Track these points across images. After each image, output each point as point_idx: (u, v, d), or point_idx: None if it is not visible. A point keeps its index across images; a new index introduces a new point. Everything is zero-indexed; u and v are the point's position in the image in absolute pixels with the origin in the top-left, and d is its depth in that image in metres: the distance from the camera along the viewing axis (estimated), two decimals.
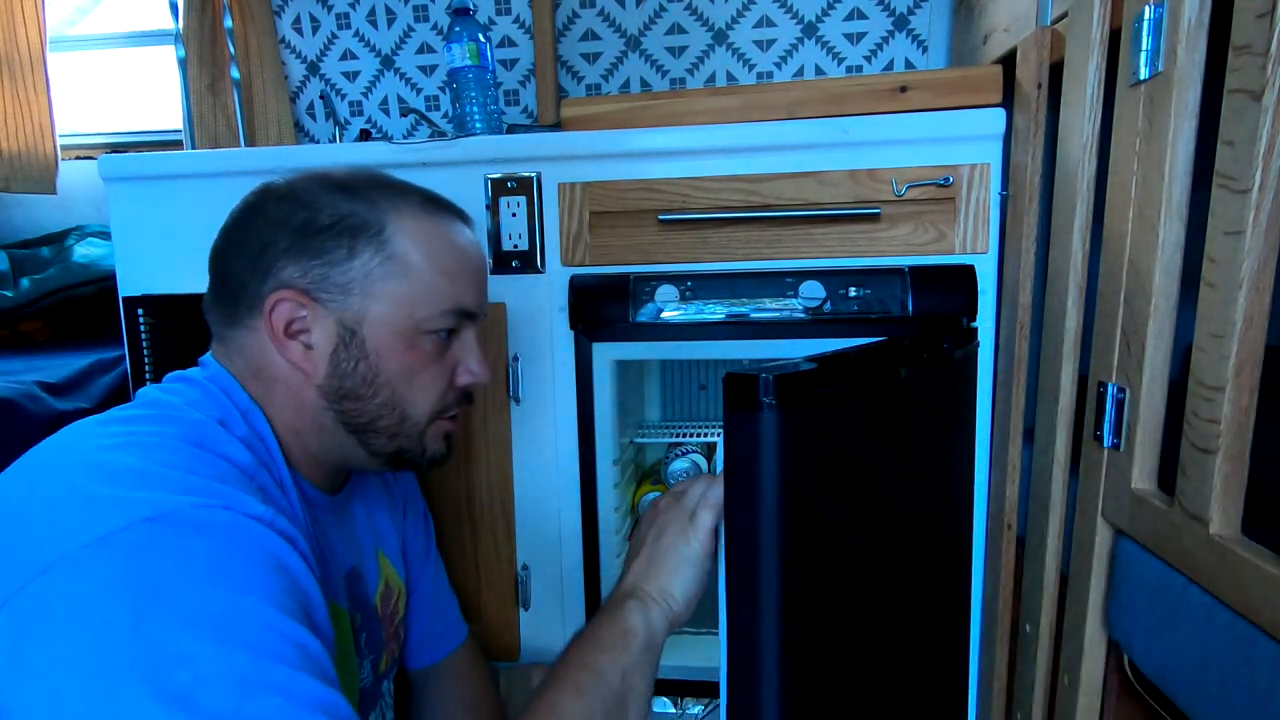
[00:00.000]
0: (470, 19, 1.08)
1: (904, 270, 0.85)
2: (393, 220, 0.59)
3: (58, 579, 0.41)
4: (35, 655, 0.39)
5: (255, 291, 0.57)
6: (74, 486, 0.45)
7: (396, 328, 0.59)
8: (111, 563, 0.41)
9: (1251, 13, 0.51)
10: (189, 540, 0.43)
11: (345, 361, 0.58)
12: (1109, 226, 0.70)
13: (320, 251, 0.57)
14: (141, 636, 0.39)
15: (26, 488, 0.47)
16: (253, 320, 0.58)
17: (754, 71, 1.44)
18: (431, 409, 0.62)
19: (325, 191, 0.59)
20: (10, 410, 1.00)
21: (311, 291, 0.57)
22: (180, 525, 0.43)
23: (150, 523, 0.43)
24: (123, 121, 1.77)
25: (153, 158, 1.00)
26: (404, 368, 0.60)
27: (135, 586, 0.40)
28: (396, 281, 0.58)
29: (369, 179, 0.62)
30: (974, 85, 0.91)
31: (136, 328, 0.98)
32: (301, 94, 1.57)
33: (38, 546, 0.42)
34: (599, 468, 0.94)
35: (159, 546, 0.42)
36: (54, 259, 1.47)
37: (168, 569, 0.41)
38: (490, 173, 0.93)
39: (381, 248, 0.58)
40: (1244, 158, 0.51)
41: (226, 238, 0.60)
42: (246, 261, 0.57)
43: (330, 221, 0.57)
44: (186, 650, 0.39)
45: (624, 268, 0.91)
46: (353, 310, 0.58)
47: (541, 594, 0.98)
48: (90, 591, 0.40)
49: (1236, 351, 0.53)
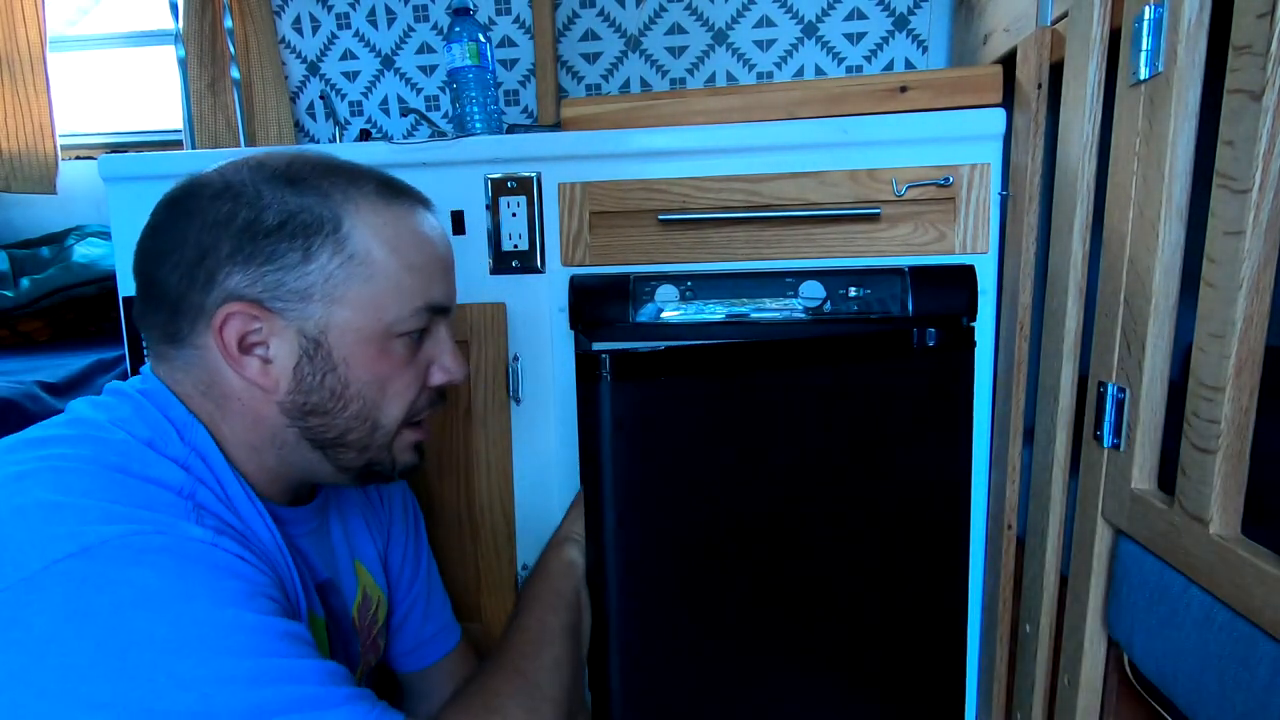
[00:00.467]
0: (470, 19, 1.09)
1: (904, 270, 0.85)
2: (349, 214, 0.53)
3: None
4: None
5: (197, 304, 0.51)
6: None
7: (365, 333, 0.53)
8: (45, 604, 0.38)
9: (1251, 13, 0.51)
10: (127, 570, 0.40)
11: (310, 375, 0.53)
12: (1109, 226, 0.70)
13: (271, 256, 0.50)
14: (110, 677, 0.37)
15: None
16: (197, 336, 0.52)
17: (754, 71, 1.44)
18: (403, 416, 0.58)
19: (268, 185, 0.51)
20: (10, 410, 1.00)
21: (265, 301, 0.51)
22: (113, 555, 0.40)
23: (74, 558, 0.39)
24: (123, 121, 1.77)
25: (153, 158, 1.00)
26: (376, 376, 0.55)
27: (81, 624, 0.37)
28: (361, 283, 0.52)
29: (314, 165, 0.54)
30: (974, 85, 0.91)
31: (136, 328, 0.98)
32: (301, 94, 1.57)
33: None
34: None
35: (95, 580, 0.39)
36: (54, 259, 1.47)
37: (113, 601, 0.39)
38: (490, 173, 0.93)
39: (340, 247, 0.52)
40: (1244, 158, 0.51)
41: (154, 241, 0.53)
42: (182, 270, 0.50)
43: (279, 220, 0.50)
44: (176, 676, 0.37)
45: (624, 268, 0.91)
46: (314, 319, 0.52)
47: None
48: (27, 638, 0.37)
49: (1236, 351, 0.53)
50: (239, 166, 0.53)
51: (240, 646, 0.40)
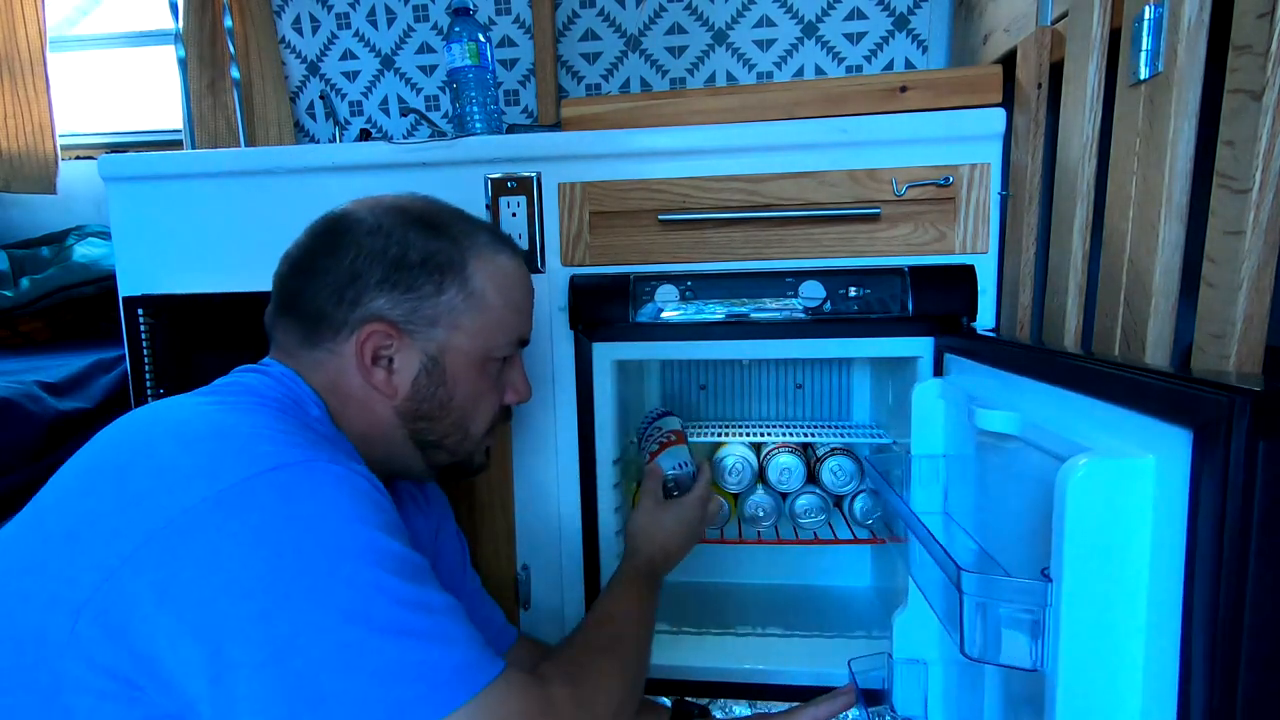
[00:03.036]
0: (470, 19, 1.08)
1: (904, 270, 0.85)
2: (472, 258, 0.64)
3: (199, 521, 0.45)
4: (191, 593, 0.43)
5: (341, 319, 0.60)
6: (191, 441, 0.50)
7: (471, 357, 0.64)
8: (256, 502, 0.46)
9: (1251, 13, 0.51)
10: (316, 486, 0.48)
11: (426, 387, 0.63)
12: (1109, 226, 0.71)
13: (411, 286, 0.61)
14: (302, 564, 0.45)
15: (134, 448, 0.51)
16: (336, 345, 0.61)
17: (754, 71, 1.44)
18: (487, 427, 0.69)
19: (412, 228, 0.62)
20: (10, 410, 1.00)
21: (400, 323, 0.61)
22: (302, 473, 0.48)
23: (278, 471, 0.47)
24: (123, 121, 1.77)
25: (153, 158, 1.00)
26: (473, 392, 0.66)
27: (282, 521, 0.46)
28: (475, 315, 0.63)
29: (446, 214, 0.66)
30: (974, 85, 0.91)
31: (136, 328, 0.98)
32: (301, 94, 1.57)
33: (164, 495, 0.46)
34: (599, 468, 0.94)
35: (292, 487, 0.47)
36: (54, 259, 1.47)
37: (306, 506, 0.47)
38: (490, 173, 0.93)
39: (465, 284, 0.63)
40: (1244, 158, 0.52)
41: (307, 263, 0.62)
42: (331, 290, 0.60)
43: (421, 258, 0.61)
44: (347, 574, 0.45)
45: (624, 268, 0.91)
46: (437, 341, 0.62)
47: (541, 594, 0.98)
48: (238, 530, 0.45)
49: (1236, 351, 0.53)
50: (385, 209, 0.63)
51: (396, 569, 0.48)
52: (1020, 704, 0.62)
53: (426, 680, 0.45)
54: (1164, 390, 0.42)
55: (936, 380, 0.80)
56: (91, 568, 0.45)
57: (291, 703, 0.43)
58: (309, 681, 0.43)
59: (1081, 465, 0.43)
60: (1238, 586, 0.37)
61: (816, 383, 1.22)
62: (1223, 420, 0.37)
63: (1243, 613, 0.37)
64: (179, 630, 0.43)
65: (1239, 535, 0.37)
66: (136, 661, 0.44)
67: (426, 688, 0.45)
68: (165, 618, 0.43)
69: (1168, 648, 0.42)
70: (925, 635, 0.82)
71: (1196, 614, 0.40)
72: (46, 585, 0.46)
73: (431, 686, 0.45)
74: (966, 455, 0.72)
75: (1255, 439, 0.36)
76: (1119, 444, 0.45)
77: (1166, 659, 0.42)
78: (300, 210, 0.97)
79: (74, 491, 0.51)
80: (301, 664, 0.43)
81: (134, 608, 0.44)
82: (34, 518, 0.51)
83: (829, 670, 0.95)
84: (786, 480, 1.06)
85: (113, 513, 0.47)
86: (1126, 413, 0.45)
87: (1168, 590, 0.42)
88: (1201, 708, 0.39)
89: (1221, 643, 0.38)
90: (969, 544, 0.71)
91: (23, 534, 0.51)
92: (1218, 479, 0.37)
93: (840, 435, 1.11)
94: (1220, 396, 0.37)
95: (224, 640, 0.43)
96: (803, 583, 1.23)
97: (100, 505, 0.48)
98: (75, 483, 0.52)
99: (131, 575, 0.44)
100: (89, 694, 0.44)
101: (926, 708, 0.82)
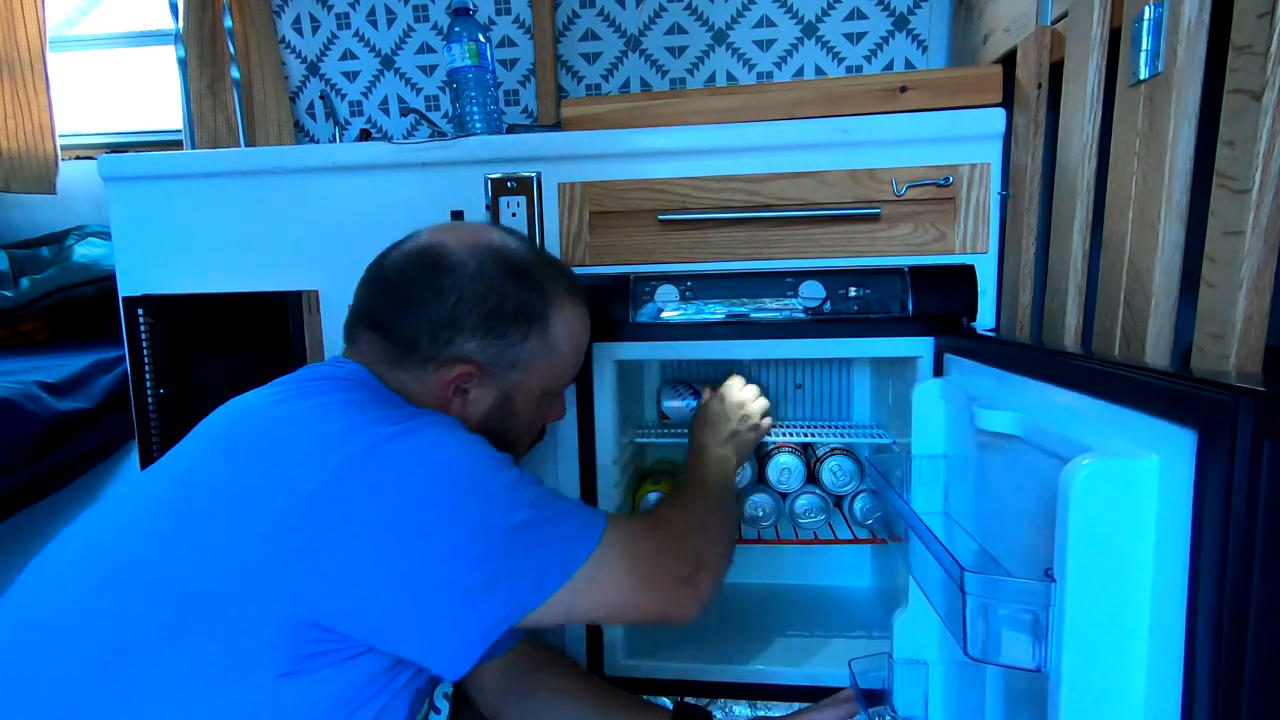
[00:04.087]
0: (470, 19, 1.08)
1: (904, 270, 0.85)
2: (554, 310, 0.70)
3: (356, 473, 0.52)
4: (385, 504, 0.52)
5: (433, 353, 0.66)
6: (326, 414, 0.58)
7: (535, 394, 0.71)
8: (404, 446, 0.54)
9: (1251, 13, 0.51)
10: (444, 435, 0.57)
11: (495, 418, 0.70)
12: (1109, 226, 0.71)
13: (501, 334, 0.67)
14: (473, 476, 0.56)
15: (264, 424, 0.58)
16: (423, 373, 0.66)
17: (754, 71, 1.44)
18: (530, 446, 0.78)
19: (510, 278, 0.67)
20: (10, 410, 1.00)
21: (485, 365, 0.67)
22: (437, 420, 0.58)
23: (405, 429, 0.55)
24: (123, 121, 1.76)
25: (153, 158, 1.00)
26: (529, 422, 0.74)
27: (431, 458, 0.55)
28: (548, 360, 0.70)
29: (535, 260, 0.71)
30: (974, 85, 0.91)
31: (136, 328, 0.98)
32: (301, 94, 1.57)
33: (320, 455, 0.53)
34: (599, 468, 0.94)
35: (437, 429, 0.57)
36: (54, 259, 1.47)
37: (443, 444, 0.56)
38: (490, 173, 0.93)
39: (544, 334, 0.69)
40: (1244, 158, 0.52)
41: (404, 291, 0.66)
42: (428, 325, 0.65)
43: (514, 309, 0.67)
44: (506, 479, 0.57)
45: (624, 268, 0.91)
46: (512, 381, 0.69)
47: None
48: (409, 459, 0.54)
49: (1236, 351, 0.53)
50: (485, 254, 0.67)
51: (522, 475, 0.60)
52: (1021, 705, 0.62)
53: (578, 515, 0.61)
54: (1168, 390, 0.41)
55: (937, 380, 0.80)
56: (268, 522, 0.51)
57: (496, 565, 0.54)
58: (501, 551, 0.54)
59: (1085, 466, 0.43)
60: (1242, 587, 0.37)
61: (816, 383, 1.22)
62: (1227, 420, 0.37)
63: (1247, 613, 0.37)
64: (357, 560, 0.51)
65: (1243, 535, 0.37)
66: (310, 608, 0.51)
67: (581, 519, 0.60)
68: (346, 548, 0.51)
69: (1171, 648, 0.42)
70: (926, 635, 0.82)
71: (1201, 615, 0.40)
72: (219, 546, 0.51)
73: (584, 518, 0.61)
74: (967, 455, 0.72)
75: (1260, 439, 0.36)
76: (1122, 444, 0.45)
77: (1170, 660, 0.42)
78: (300, 210, 0.98)
79: (223, 468, 0.56)
80: (489, 542, 0.54)
81: (314, 550, 0.51)
82: (177, 494, 0.56)
83: (829, 671, 0.95)
84: (786, 480, 1.06)
85: (274, 477, 0.53)
86: (1129, 413, 0.45)
87: (1171, 591, 0.42)
88: (1206, 709, 0.39)
89: (1226, 644, 0.38)
90: (969, 544, 0.71)
91: (169, 508, 0.55)
92: (1222, 479, 0.37)
93: (840, 435, 1.11)
94: (1225, 397, 0.37)
95: (421, 532, 0.52)
96: (803, 583, 1.23)
97: (259, 475, 0.54)
98: (218, 461, 0.57)
99: (311, 521, 0.51)
100: (258, 642, 0.50)
101: (927, 708, 0.82)
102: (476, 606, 0.53)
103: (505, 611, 0.55)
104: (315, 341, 0.98)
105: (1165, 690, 0.43)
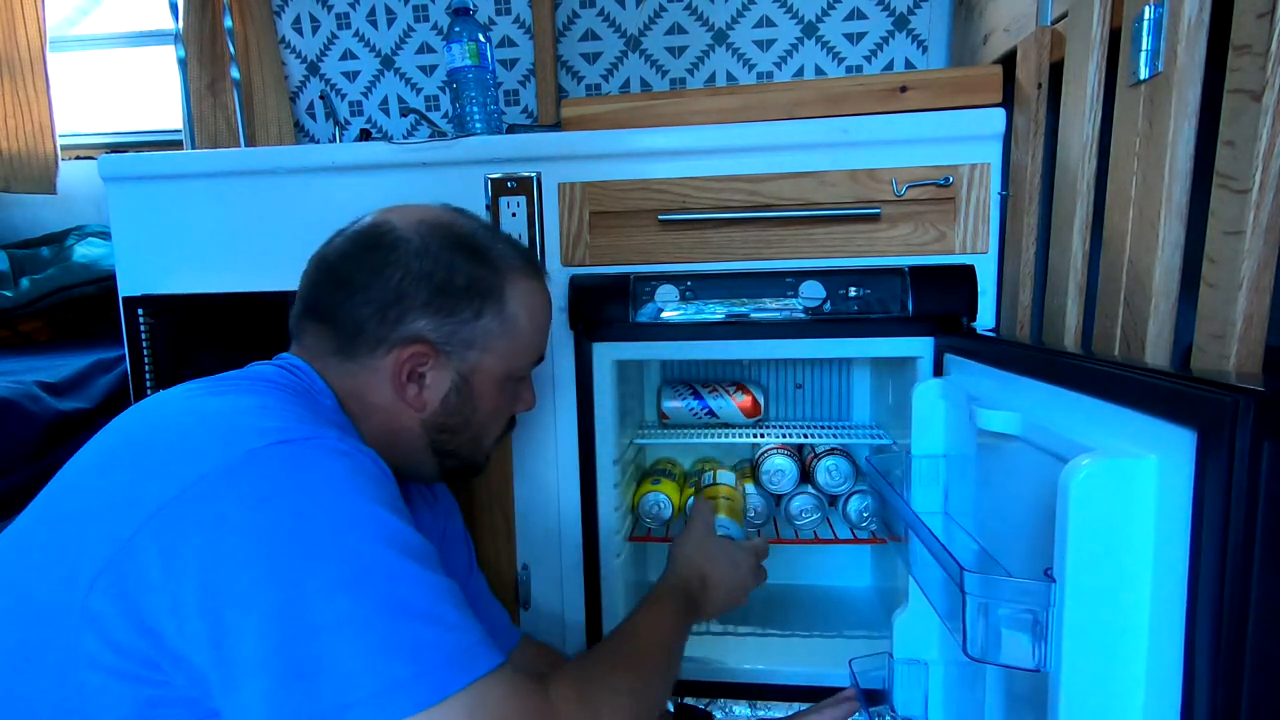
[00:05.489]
0: (470, 19, 1.08)
1: (904, 270, 0.85)
2: (509, 284, 0.65)
3: (208, 491, 0.46)
4: (197, 557, 0.44)
5: (381, 335, 0.61)
6: (204, 417, 0.52)
7: (496, 376, 0.67)
8: (262, 473, 0.47)
9: (1251, 13, 0.51)
10: (320, 460, 0.49)
11: (453, 403, 0.65)
12: (1109, 226, 0.71)
13: (453, 311, 0.62)
14: (305, 533, 0.45)
15: (149, 429, 0.53)
16: (372, 360, 0.62)
17: (754, 71, 1.44)
18: (498, 436, 0.72)
19: (457, 252, 0.63)
20: (10, 410, 1.00)
21: (437, 344, 0.62)
22: (309, 448, 0.49)
23: (285, 445, 0.48)
24: (123, 121, 1.76)
25: (153, 158, 1.00)
26: (493, 408, 0.69)
27: (287, 492, 0.46)
28: (507, 339, 0.66)
29: (486, 236, 0.66)
30: (974, 85, 0.91)
31: (136, 328, 0.98)
32: (301, 94, 1.57)
33: (178, 467, 0.47)
34: (599, 468, 0.94)
35: (299, 460, 0.48)
36: (54, 259, 1.47)
37: (311, 478, 0.48)
38: (490, 173, 0.93)
39: (500, 310, 0.65)
40: (1244, 158, 0.52)
41: (347, 275, 0.62)
42: (374, 307, 0.61)
43: (465, 285, 0.63)
44: (350, 545, 0.46)
45: (624, 268, 0.91)
46: (469, 362, 0.64)
47: (541, 594, 0.98)
48: (244, 498, 0.46)
49: (1236, 351, 0.53)
50: (429, 229, 0.63)
51: (399, 546, 0.48)
52: (1021, 704, 0.62)
53: (421, 661, 0.44)
54: (1167, 390, 0.41)
55: (937, 380, 0.80)
56: (105, 540, 0.45)
57: (285, 667, 0.42)
58: (304, 646, 0.43)
59: (1084, 465, 0.43)
60: (1242, 587, 0.37)
61: (816, 383, 1.22)
62: (1227, 420, 0.37)
63: (1247, 613, 0.37)
64: (184, 594, 0.44)
65: (1243, 535, 0.37)
66: (145, 635, 0.44)
67: (421, 668, 0.44)
68: (172, 583, 0.44)
69: (1171, 648, 0.42)
70: (926, 635, 0.82)
71: (1200, 614, 0.39)
72: (62, 560, 0.47)
73: (426, 668, 0.44)
74: (967, 455, 0.72)
75: (1260, 439, 0.36)
76: (1121, 444, 0.45)
77: (1170, 659, 0.42)
78: (300, 210, 0.98)
79: (88, 473, 0.52)
80: (299, 629, 0.43)
81: (144, 575, 0.44)
82: (48, 502, 0.53)
83: (829, 670, 0.95)
84: (779, 482, 1.06)
85: (127, 487, 0.48)
86: (1129, 413, 0.45)
87: (1171, 590, 0.42)
88: (1205, 709, 0.39)
89: (1225, 643, 0.38)
90: (969, 544, 0.71)
91: (38, 516, 0.52)
92: (1222, 479, 0.37)
93: (836, 435, 1.11)
94: (1224, 397, 0.37)
95: (226, 603, 0.43)
96: (802, 583, 1.23)
97: (115, 482, 0.49)
98: (89, 466, 0.53)
99: (143, 543, 0.45)
100: (100, 671, 0.44)
101: (927, 708, 0.82)
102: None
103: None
104: None
105: (1165, 690, 0.43)
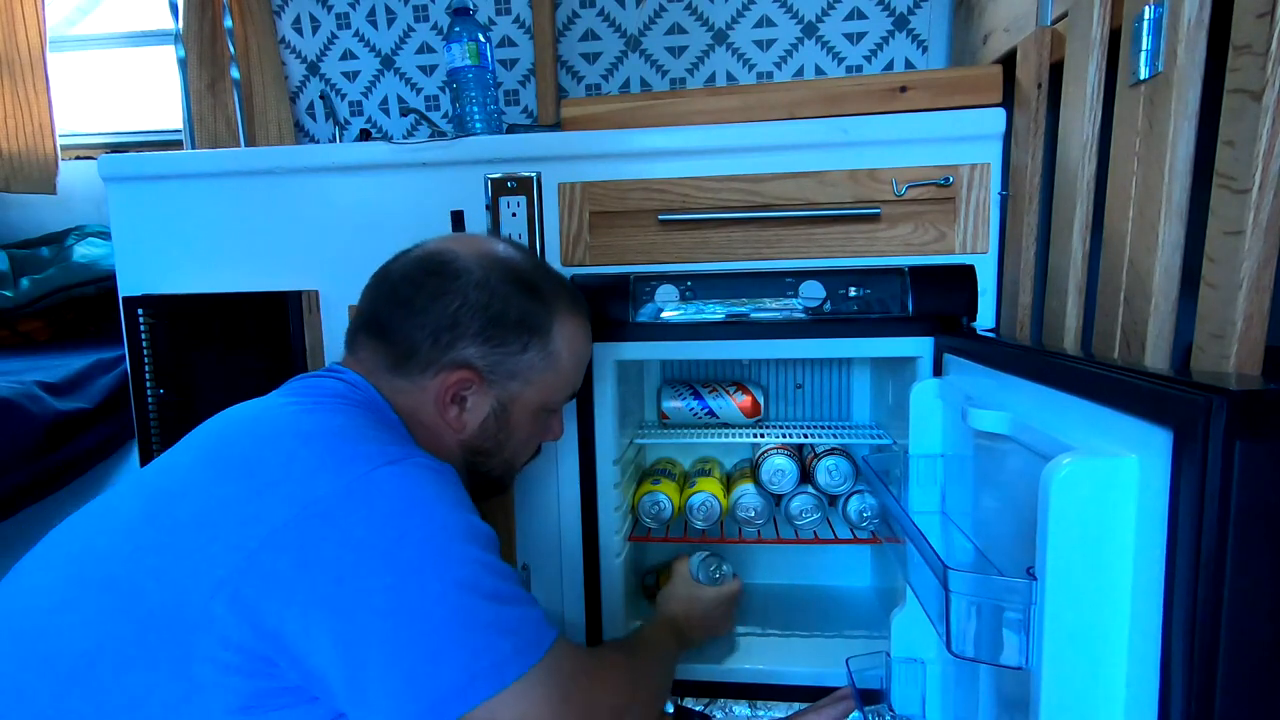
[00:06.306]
0: (470, 19, 1.08)
1: (904, 270, 0.85)
2: (556, 322, 0.70)
3: (329, 511, 0.51)
4: (328, 569, 0.49)
5: (432, 358, 0.65)
6: (306, 438, 0.56)
7: (532, 407, 0.71)
8: (379, 493, 0.52)
9: (1251, 13, 0.51)
10: (421, 475, 0.55)
11: (491, 429, 0.70)
12: (1109, 226, 0.70)
13: (503, 342, 0.67)
14: (420, 545, 0.51)
15: (257, 442, 0.57)
16: (422, 379, 0.66)
17: (754, 71, 1.44)
18: (525, 459, 0.77)
19: (514, 287, 0.67)
20: (10, 410, 1.00)
21: (484, 372, 0.67)
22: (408, 467, 0.55)
23: (390, 466, 0.54)
24: (123, 121, 1.76)
25: (153, 158, 1.00)
26: (527, 436, 0.73)
27: (401, 510, 0.52)
28: (548, 374, 0.70)
29: (539, 272, 0.71)
30: (974, 85, 0.91)
31: (136, 328, 0.98)
32: (301, 94, 1.57)
33: (291, 487, 0.52)
34: (599, 468, 0.94)
35: (404, 480, 0.54)
36: (54, 259, 1.47)
37: (417, 495, 0.53)
38: (490, 173, 0.93)
39: (545, 346, 0.69)
40: (1244, 158, 0.52)
41: (408, 298, 0.66)
42: (429, 331, 0.65)
43: (517, 319, 0.67)
44: (458, 552, 0.53)
45: (624, 268, 0.91)
46: (510, 392, 0.69)
47: (541, 594, 0.98)
48: (366, 517, 0.51)
49: (1236, 351, 0.53)
50: (491, 263, 0.68)
51: (487, 545, 0.56)
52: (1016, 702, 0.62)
53: (517, 636, 0.53)
54: (1147, 391, 0.42)
55: (934, 380, 0.80)
56: (229, 550, 0.49)
57: (417, 659, 0.49)
58: (431, 639, 0.49)
59: (1065, 465, 0.44)
60: (1215, 585, 0.37)
61: (816, 383, 1.22)
62: (1200, 420, 0.37)
63: (1220, 611, 0.37)
64: (313, 603, 0.48)
65: (1216, 534, 0.37)
66: (265, 637, 0.48)
67: (518, 642, 0.53)
68: (301, 593, 0.48)
69: (1150, 645, 0.42)
70: (923, 635, 0.82)
71: (1176, 612, 0.40)
72: (179, 566, 0.50)
73: (521, 641, 0.53)
74: (964, 455, 0.72)
75: (1232, 439, 0.36)
76: (1104, 444, 0.45)
77: (1149, 656, 0.42)
78: (300, 210, 0.98)
79: (198, 481, 0.55)
80: (425, 625, 0.49)
81: (269, 585, 0.48)
82: (153, 500, 0.56)
83: (829, 670, 0.95)
84: (779, 482, 1.06)
85: (245, 500, 0.52)
86: (1113, 413, 0.45)
87: (1150, 588, 0.42)
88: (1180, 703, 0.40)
89: (1200, 640, 0.38)
90: (967, 544, 0.71)
91: (145, 515, 0.55)
92: (1196, 479, 0.38)
93: (837, 436, 1.11)
94: (1198, 397, 0.37)
95: (357, 609, 0.49)
96: (802, 583, 1.23)
97: (231, 493, 0.53)
98: (196, 473, 0.56)
99: (271, 557, 0.49)
100: (215, 666, 0.48)
101: (924, 707, 0.82)
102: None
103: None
104: (315, 341, 0.98)
105: (1144, 685, 0.43)
